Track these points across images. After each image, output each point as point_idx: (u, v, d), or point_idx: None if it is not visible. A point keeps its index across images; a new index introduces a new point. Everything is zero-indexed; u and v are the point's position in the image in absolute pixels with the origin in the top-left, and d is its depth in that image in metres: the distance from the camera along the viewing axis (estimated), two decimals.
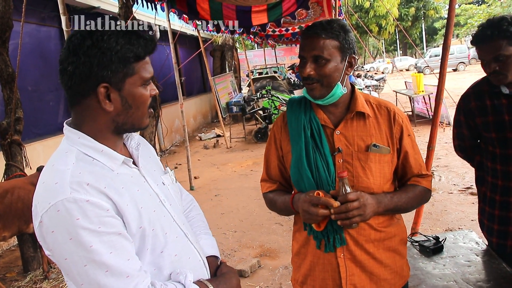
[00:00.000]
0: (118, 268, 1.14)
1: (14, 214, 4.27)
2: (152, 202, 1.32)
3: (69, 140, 1.27)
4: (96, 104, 1.23)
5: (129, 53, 1.22)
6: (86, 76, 1.20)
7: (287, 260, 4.44)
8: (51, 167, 1.23)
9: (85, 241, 1.11)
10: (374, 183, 1.69)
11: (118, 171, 1.27)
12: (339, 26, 1.66)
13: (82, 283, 1.14)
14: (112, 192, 1.19)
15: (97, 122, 1.26)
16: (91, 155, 1.24)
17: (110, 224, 1.15)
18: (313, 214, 1.56)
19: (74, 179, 1.15)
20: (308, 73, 1.65)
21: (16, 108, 4.84)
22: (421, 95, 10.86)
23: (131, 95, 1.26)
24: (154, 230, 1.28)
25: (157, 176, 1.44)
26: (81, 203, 1.12)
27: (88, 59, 1.19)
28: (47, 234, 1.14)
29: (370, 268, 1.71)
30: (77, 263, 1.12)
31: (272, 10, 6.10)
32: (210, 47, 18.04)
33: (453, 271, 2.22)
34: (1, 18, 4.61)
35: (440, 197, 5.71)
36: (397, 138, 1.75)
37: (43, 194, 1.17)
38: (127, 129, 1.32)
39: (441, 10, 35.01)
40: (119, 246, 1.16)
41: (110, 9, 9.13)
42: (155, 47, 1.30)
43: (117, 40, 1.21)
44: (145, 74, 1.27)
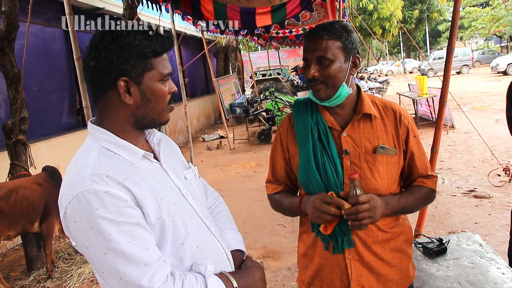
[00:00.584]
0: (136, 257, 1.18)
1: (19, 213, 4.30)
2: (172, 195, 1.36)
3: (92, 136, 1.34)
4: (116, 98, 1.30)
5: (147, 48, 1.28)
6: (107, 70, 1.26)
7: (290, 261, 4.45)
8: (74, 161, 1.29)
9: (104, 230, 1.16)
10: (381, 184, 1.70)
11: (138, 165, 1.32)
12: (341, 26, 1.67)
13: (103, 271, 1.20)
14: (131, 184, 1.24)
15: (118, 116, 1.32)
16: (112, 150, 1.30)
17: (128, 215, 1.20)
18: (324, 211, 1.56)
19: (95, 172, 1.21)
20: (313, 75, 1.66)
21: (21, 108, 4.87)
22: (424, 97, 10.85)
23: (149, 89, 1.31)
24: (174, 221, 1.32)
25: (180, 171, 1.49)
26: (100, 194, 1.17)
27: (109, 54, 1.26)
28: (70, 224, 1.20)
29: (377, 269, 1.72)
30: (97, 252, 1.18)
31: (276, 12, 6.10)
32: (213, 49, 18.07)
33: (456, 273, 2.22)
34: (7, 19, 4.64)
35: (444, 200, 5.70)
36: (403, 139, 1.76)
37: (67, 186, 1.22)
38: (147, 124, 1.37)
39: (445, 12, 35.00)
40: (137, 235, 1.20)
41: (115, 10, 9.17)
42: (172, 44, 1.36)
43: (136, 36, 1.28)
44: (163, 70, 1.33)
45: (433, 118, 10.84)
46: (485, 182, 6.25)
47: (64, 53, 8.49)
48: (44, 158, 6.67)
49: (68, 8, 3.66)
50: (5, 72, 4.85)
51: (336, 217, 1.58)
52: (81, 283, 4.51)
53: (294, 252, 4.63)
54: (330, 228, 1.63)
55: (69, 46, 8.46)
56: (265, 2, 5.19)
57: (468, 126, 8.70)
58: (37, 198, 4.48)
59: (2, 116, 6.70)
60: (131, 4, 7.00)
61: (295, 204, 1.79)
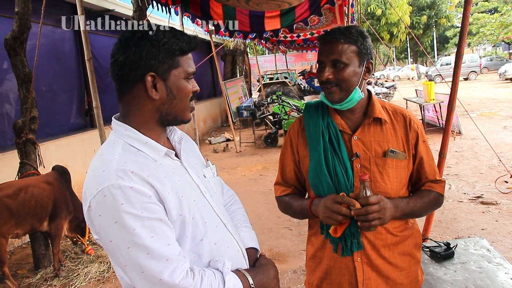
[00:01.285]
0: (158, 252, 1.21)
1: (27, 212, 4.34)
2: (192, 192, 1.39)
3: (116, 132, 1.37)
4: (143, 93, 1.33)
5: (175, 46, 1.33)
6: (136, 65, 1.31)
7: (296, 264, 4.46)
8: (99, 156, 1.32)
9: (128, 224, 1.19)
10: (391, 188, 1.71)
11: (160, 161, 1.35)
12: (357, 31, 1.69)
13: (125, 264, 1.23)
14: (154, 181, 1.27)
15: (143, 111, 1.36)
16: (136, 146, 1.34)
17: (151, 210, 1.23)
18: (336, 211, 1.58)
19: (120, 167, 1.24)
20: (327, 77, 1.67)
21: (31, 108, 4.91)
22: (431, 103, 10.83)
23: (175, 86, 1.35)
24: (194, 218, 1.35)
25: (199, 169, 1.52)
26: (125, 189, 1.20)
27: (139, 49, 1.30)
28: (94, 218, 1.23)
29: (386, 273, 1.73)
30: (120, 246, 1.21)
31: (285, 16, 6.13)
32: (221, 52, 18.13)
33: (464, 277, 2.23)
34: (20, 19, 4.69)
35: (450, 206, 5.69)
36: (413, 144, 1.77)
37: (92, 180, 1.25)
38: (170, 120, 1.40)
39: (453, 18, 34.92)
40: (159, 231, 1.23)
41: (125, 12, 9.23)
42: (198, 44, 1.40)
43: (165, 34, 1.33)
44: (188, 68, 1.37)
45: (440, 124, 10.81)
46: (492, 188, 6.23)
47: (73, 54, 8.56)
48: (52, 158, 6.72)
49: (80, 9, 3.71)
50: (16, 72, 4.90)
51: (346, 218, 1.59)
52: (88, 282, 4.54)
53: (300, 255, 4.64)
54: (340, 231, 1.64)
55: (79, 47, 8.54)
56: (275, 6, 5.21)
57: (475, 132, 8.69)
58: (46, 197, 4.51)
59: (13, 115, 6.77)
60: (141, 6, 7.03)
61: (305, 206, 1.80)
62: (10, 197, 4.25)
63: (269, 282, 1.46)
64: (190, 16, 6.53)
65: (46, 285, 4.55)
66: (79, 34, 7.91)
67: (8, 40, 4.80)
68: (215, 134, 15.00)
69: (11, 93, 6.74)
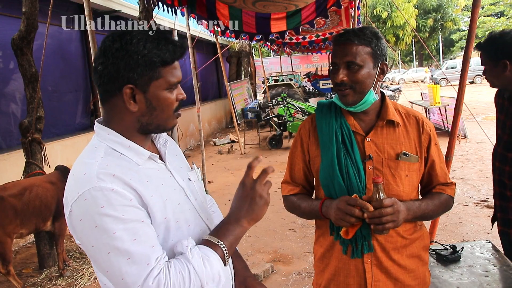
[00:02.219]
0: (140, 255, 1.18)
1: (31, 212, 4.34)
2: (177, 195, 1.37)
3: (99, 136, 1.34)
4: (122, 104, 1.30)
5: (155, 58, 1.26)
6: (114, 76, 1.26)
7: (301, 266, 4.45)
8: (81, 160, 1.30)
9: (109, 228, 1.16)
10: (403, 190, 1.71)
11: (144, 165, 1.32)
12: (371, 33, 1.68)
13: (107, 270, 1.20)
14: (137, 184, 1.24)
15: (124, 120, 1.33)
16: (118, 150, 1.31)
17: (133, 213, 1.20)
18: (349, 213, 1.57)
19: (101, 170, 1.21)
20: (341, 79, 1.66)
21: (38, 107, 4.93)
22: (437, 106, 10.80)
23: (155, 98, 1.30)
24: (178, 222, 1.33)
25: (184, 172, 1.49)
26: (106, 192, 1.17)
27: (116, 60, 1.25)
28: (76, 223, 1.21)
29: (395, 275, 1.73)
30: (101, 250, 1.18)
31: (291, 18, 6.12)
32: (226, 53, 18.16)
33: (470, 281, 2.22)
34: (27, 19, 4.71)
35: (455, 209, 5.67)
36: (425, 146, 1.77)
37: (73, 184, 1.23)
38: (152, 130, 1.37)
39: (459, 22, 34.80)
40: (141, 233, 1.20)
41: (131, 13, 9.25)
42: (183, 53, 1.34)
43: (145, 44, 1.26)
44: (171, 79, 1.31)
45: (445, 127, 10.78)
46: None
47: (79, 54, 8.59)
48: (58, 158, 6.74)
49: (88, 10, 3.72)
50: (23, 72, 4.92)
51: (359, 220, 1.59)
52: (92, 281, 4.55)
53: (305, 257, 4.64)
54: (352, 233, 1.63)
55: (85, 48, 8.57)
56: (281, 8, 5.21)
57: (481, 136, 8.65)
58: (50, 197, 4.52)
59: (19, 115, 6.80)
60: (147, 7, 7.06)
61: (315, 207, 1.78)
62: (15, 197, 4.26)
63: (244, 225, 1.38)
64: (196, 17, 6.54)
65: (51, 284, 4.56)
66: (85, 34, 7.94)
67: (15, 40, 4.82)
68: (219, 135, 15.01)
69: (18, 93, 6.78)
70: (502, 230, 2.57)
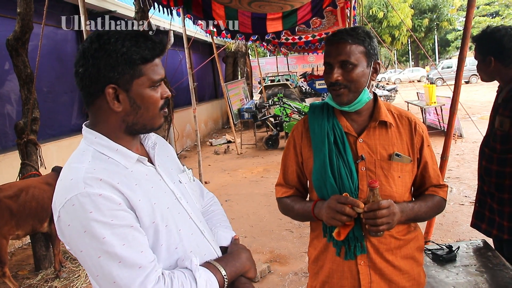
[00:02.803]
0: (130, 259, 1.17)
1: (28, 213, 4.33)
2: (166, 199, 1.36)
3: (86, 140, 1.34)
4: (106, 105, 1.29)
5: (135, 55, 1.26)
6: (95, 77, 1.26)
7: (297, 266, 4.45)
8: (68, 165, 1.29)
9: (98, 233, 1.16)
10: (396, 191, 1.71)
11: (132, 168, 1.32)
12: (364, 32, 1.69)
13: (97, 274, 1.19)
14: (124, 188, 1.24)
15: (109, 122, 1.32)
16: (106, 154, 1.30)
17: (122, 217, 1.20)
18: (339, 211, 1.56)
19: (88, 175, 1.21)
20: (336, 78, 1.66)
21: (33, 108, 4.91)
22: (433, 106, 10.83)
23: (139, 96, 1.30)
24: (168, 226, 1.31)
25: (174, 175, 1.48)
26: (94, 197, 1.17)
27: (96, 61, 1.25)
28: (64, 228, 1.20)
29: (389, 276, 1.72)
30: (91, 255, 1.17)
31: (287, 18, 6.13)
32: (222, 54, 18.14)
33: (466, 280, 2.22)
34: (22, 20, 4.70)
35: (451, 209, 5.68)
36: (418, 148, 1.77)
37: (60, 190, 1.23)
38: (138, 130, 1.36)
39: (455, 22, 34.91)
40: (131, 238, 1.19)
41: (127, 13, 9.24)
42: (163, 49, 1.33)
43: (124, 43, 1.25)
44: (153, 76, 1.30)
45: (441, 127, 10.81)
46: None
47: (75, 55, 8.55)
48: (53, 159, 6.72)
49: (83, 10, 3.71)
50: (18, 73, 4.90)
51: (350, 219, 1.58)
52: (89, 283, 4.53)
53: (301, 258, 4.64)
54: (344, 234, 1.63)
55: None
56: (277, 9, 5.21)
57: (476, 135, 8.68)
58: (46, 198, 4.50)
59: (14, 116, 6.77)
60: (142, 7, 7.04)
61: (308, 209, 1.78)
62: (11, 198, 4.24)
63: (243, 266, 1.44)
64: (192, 18, 6.54)
65: (47, 286, 4.55)
66: (81, 35, 7.93)
67: (10, 40, 4.80)
68: (216, 135, 15.01)
69: (13, 94, 6.75)
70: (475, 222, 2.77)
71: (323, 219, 1.68)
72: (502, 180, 2.49)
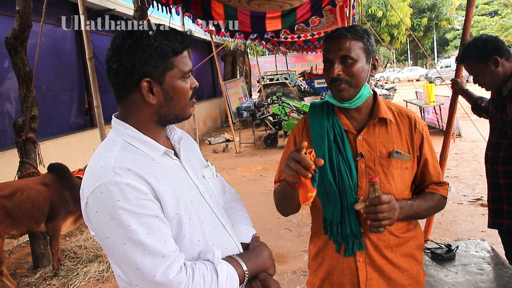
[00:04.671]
0: (154, 248, 1.21)
1: (23, 214, 4.29)
2: (190, 192, 1.39)
3: (116, 130, 1.38)
4: (140, 98, 1.34)
5: (167, 48, 1.31)
6: (130, 72, 1.30)
7: (296, 265, 4.46)
8: (98, 154, 1.33)
9: (124, 221, 1.19)
10: (395, 189, 1.71)
11: (159, 160, 1.35)
12: (362, 29, 1.72)
13: (121, 261, 1.22)
14: (151, 178, 1.27)
15: (142, 114, 1.37)
16: (135, 145, 1.34)
17: (148, 207, 1.23)
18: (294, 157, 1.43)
19: (117, 164, 1.24)
20: (337, 73, 1.67)
21: (32, 106, 4.91)
22: (432, 105, 10.83)
23: (172, 88, 1.35)
24: (191, 218, 1.34)
25: (198, 169, 1.52)
26: (122, 186, 1.20)
27: (130, 56, 1.29)
28: (91, 214, 1.24)
29: (388, 273, 1.73)
30: (116, 242, 1.21)
31: (286, 17, 6.12)
32: (221, 52, 18.13)
33: (465, 279, 2.23)
34: (21, 18, 4.69)
35: (450, 208, 5.69)
36: (418, 145, 1.77)
37: (89, 177, 1.26)
38: (170, 120, 1.41)
39: (454, 21, 34.93)
40: (155, 227, 1.23)
41: (126, 12, 9.22)
42: (191, 41, 1.39)
43: (156, 37, 1.31)
44: (184, 68, 1.36)
45: (440, 126, 10.82)
46: None
47: (74, 53, 8.55)
48: (52, 157, 6.70)
49: (82, 8, 3.71)
50: (17, 71, 4.89)
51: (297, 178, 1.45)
52: (87, 281, 4.53)
53: (300, 256, 4.64)
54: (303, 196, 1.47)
55: (80, 46, 8.53)
56: (276, 7, 5.21)
57: (475, 134, 8.68)
58: (42, 199, 4.46)
59: (13, 114, 6.76)
60: (141, 6, 7.04)
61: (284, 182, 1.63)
62: (5, 198, 4.21)
63: (264, 263, 1.46)
64: (191, 16, 6.53)
65: (45, 284, 4.54)
66: (80, 33, 7.91)
67: (9, 38, 4.79)
68: (215, 134, 15.00)
69: (12, 92, 6.74)
70: (494, 222, 2.64)
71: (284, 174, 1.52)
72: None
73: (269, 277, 1.47)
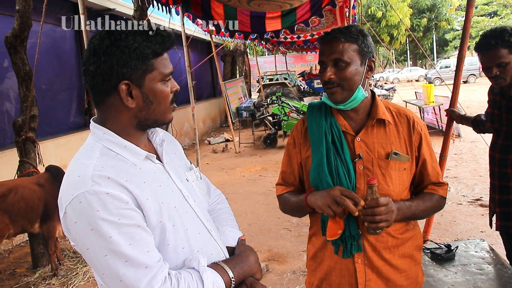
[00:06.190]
0: (137, 259, 1.16)
1: (16, 213, 4.27)
2: (174, 198, 1.34)
3: (94, 136, 1.31)
4: (118, 102, 1.27)
5: (147, 50, 1.25)
6: (108, 74, 1.24)
7: (295, 265, 4.46)
8: (76, 161, 1.26)
9: (105, 232, 1.15)
10: (393, 190, 1.71)
11: (141, 166, 1.30)
12: (357, 30, 1.69)
13: (103, 273, 1.18)
14: (132, 186, 1.22)
15: (120, 118, 1.30)
16: (115, 150, 1.28)
17: (129, 216, 1.18)
18: (339, 201, 1.55)
19: (96, 173, 1.19)
20: (329, 77, 1.67)
21: (31, 106, 4.91)
22: (431, 105, 10.84)
23: (151, 91, 1.29)
24: (175, 226, 1.30)
25: (182, 172, 1.46)
26: (101, 195, 1.15)
27: (108, 58, 1.23)
28: (70, 225, 1.18)
29: (386, 274, 1.73)
30: (97, 253, 1.16)
31: (286, 17, 6.14)
32: (221, 52, 18.13)
33: (464, 279, 2.23)
34: (21, 17, 4.69)
35: (449, 208, 5.69)
36: (416, 146, 1.77)
37: (68, 186, 1.21)
38: (150, 124, 1.35)
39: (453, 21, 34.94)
40: (138, 237, 1.18)
41: (126, 12, 9.22)
42: (172, 43, 1.33)
43: (135, 38, 1.24)
44: (164, 70, 1.30)
45: (439, 126, 10.82)
46: None
47: (74, 53, 8.56)
48: (52, 156, 6.71)
49: (82, 8, 3.71)
50: (16, 70, 4.89)
51: (343, 215, 1.58)
52: (86, 281, 4.53)
53: (299, 256, 4.64)
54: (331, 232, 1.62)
55: (79, 46, 8.53)
56: (276, 7, 5.22)
57: (474, 135, 8.67)
58: (36, 199, 4.43)
59: (13, 114, 6.76)
60: (141, 5, 7.04)
61: (301, 198, 1.76)
62: None
63: (251, 268, 1.42)
64: (191, 16, 6.54)
65: (45, 284, 4.54)
66: (79, 33, 7.91)
67: (8, 38, 4.79)
68: (214, 134, 15.00)
69: (11, 91, 6.74)
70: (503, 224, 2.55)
71: (316, 206, 1.65)
72: None
73: (256, 282, 1.43)
